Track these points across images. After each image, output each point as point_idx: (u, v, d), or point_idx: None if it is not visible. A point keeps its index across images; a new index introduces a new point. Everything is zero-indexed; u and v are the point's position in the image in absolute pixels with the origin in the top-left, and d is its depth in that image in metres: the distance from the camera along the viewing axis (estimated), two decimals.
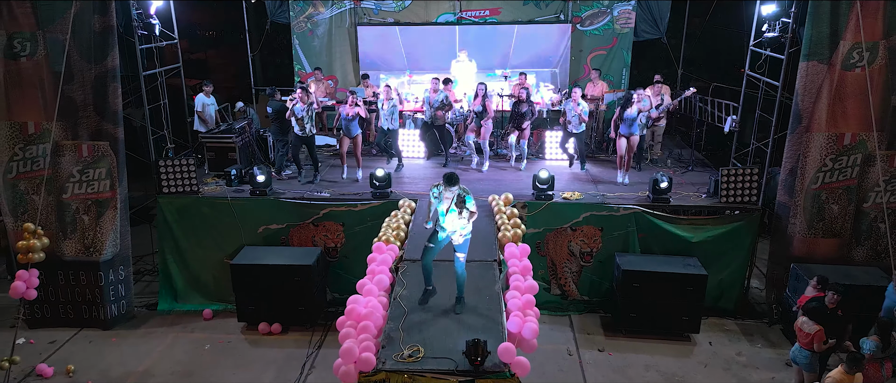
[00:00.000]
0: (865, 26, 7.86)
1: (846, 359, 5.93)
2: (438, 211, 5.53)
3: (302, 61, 12.76)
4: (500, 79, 11.92)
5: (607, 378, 7.76)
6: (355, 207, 8.98)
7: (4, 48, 8.11)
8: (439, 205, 5.50)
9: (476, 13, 12.46)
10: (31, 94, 8.28)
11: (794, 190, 8.62)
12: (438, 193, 5.50)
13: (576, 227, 8.92)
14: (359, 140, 9.95)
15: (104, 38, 8.18)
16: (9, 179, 8.46)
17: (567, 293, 9.26)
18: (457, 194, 5.38)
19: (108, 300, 8.75)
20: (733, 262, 8.90)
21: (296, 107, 9.34)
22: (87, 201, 8.55)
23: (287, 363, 8.00)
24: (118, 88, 8.40)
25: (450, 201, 5.41)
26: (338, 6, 12.42)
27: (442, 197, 5.45)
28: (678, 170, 10.58)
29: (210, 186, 9.48)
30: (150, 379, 7.70)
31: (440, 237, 5.61)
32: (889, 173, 8.36)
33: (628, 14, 12.15)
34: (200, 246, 9.21)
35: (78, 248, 8.59)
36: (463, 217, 5.42)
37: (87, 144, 8.42)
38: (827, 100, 8.18)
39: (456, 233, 5.56)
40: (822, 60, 8.10)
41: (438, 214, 5.54)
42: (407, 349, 5.12)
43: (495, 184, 9.61)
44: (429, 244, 5.68)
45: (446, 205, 5.44)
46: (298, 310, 8.60)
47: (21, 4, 8.00)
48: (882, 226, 8.42)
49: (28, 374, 7.73)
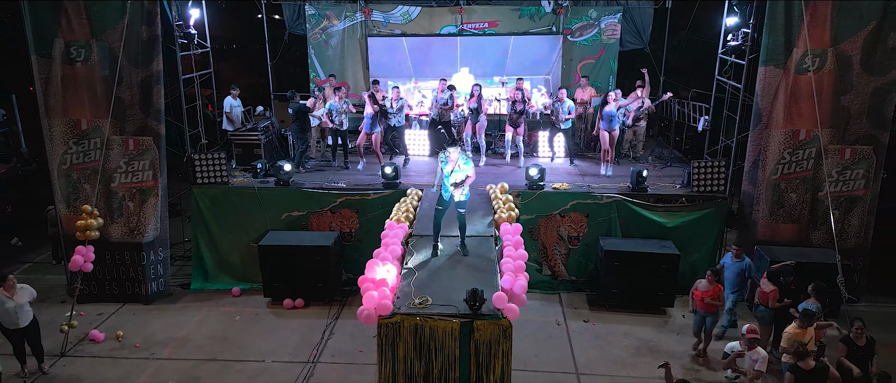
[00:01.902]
0: (815, 35, 8.99)
1: (800, 316, 7.00)
2: (444, 173, 6.74)
3: (317, 69, 13.93)
4: (497, 85, 13.11)
5: (591, 343, 8.83)
6: (368, 196, 10.10)
7: (62, 54, 9.26)
8: (445, 166, 6.73)
9: (476, 25, 13.63)
10: (84, 95, 9.39)
11: (757, 180, 9.73)
12: (444, 157, 6.71)
13: (564, 214, 10.02)
14: (378, 136, 11.07)
15: (150, 45, 9.32)
16: (63, 169, 9.58)
17: (557, 273, 10.34)
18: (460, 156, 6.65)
19: (149, 278, 9.85)
20: (704, 245, 9.98)
21: (332, 104, 10.77)
22: (132, 189, 9.66)
23: (309, 330, 9.08)
24: (161, 90, 9.53)
25: (454, 163, 6.58)
26: (350, 19, 13.60)
27: (447, 159, 6.63)
28: (658, 165, 11.70)
29: (238, 178, 10.61)
30: (189, 343, 8.78)
31: (446, 197, 6.80)
32: (840, 165, 9.47)
33: (614, 26, 13.34)
34: (229, 231, 10.30)
35: (123, 231, 9.70)
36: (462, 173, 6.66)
37: (133, 139, 9.55)
38: (783, 100, 9.30)
39: (458, 191, 6.75)
40: (778, 65, 9.23)
41: (444, 176, 6.72)
42: (418, 299, 6.20)
43: (493, 176, 10.70)
44: (438, 206, 6.92)
45: (451, 166, 6.67)
46: (318, 287, 9.67)
47: (78, 16, 9.14)
48: (836, 212, 9.53)
49: (81, 339, 8.81)
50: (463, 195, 6.83)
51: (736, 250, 8.82)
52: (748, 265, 8.77)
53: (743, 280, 8.78)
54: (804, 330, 6.89)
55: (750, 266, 8.79)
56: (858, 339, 6.84)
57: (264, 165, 10.65)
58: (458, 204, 6.90)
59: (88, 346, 8.69)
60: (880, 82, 9.17)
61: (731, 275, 8.74)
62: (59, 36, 9.21)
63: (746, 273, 8.76)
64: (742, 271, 8.74)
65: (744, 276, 8.76)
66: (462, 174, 6.71)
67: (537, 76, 13.46)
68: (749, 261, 8.84)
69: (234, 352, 8.54)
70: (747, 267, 8.75)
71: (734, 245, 9.03)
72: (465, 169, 6.69)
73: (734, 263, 8.77)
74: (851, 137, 9.39)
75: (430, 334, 5.96)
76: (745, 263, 8.74)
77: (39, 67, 9.31)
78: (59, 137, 9.50)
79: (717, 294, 8.01)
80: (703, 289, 8.09)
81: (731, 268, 8.77)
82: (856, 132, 9.37)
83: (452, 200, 6.87)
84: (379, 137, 11.16)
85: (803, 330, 6.88)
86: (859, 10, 8.92)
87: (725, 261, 8.93)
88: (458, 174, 6.72)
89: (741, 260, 8.75)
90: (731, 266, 8.78)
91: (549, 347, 8.75)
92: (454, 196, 6.82)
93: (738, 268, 8.74)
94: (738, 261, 8.76)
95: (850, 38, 9.02)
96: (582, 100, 12.54)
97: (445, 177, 6.76)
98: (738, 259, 8.76)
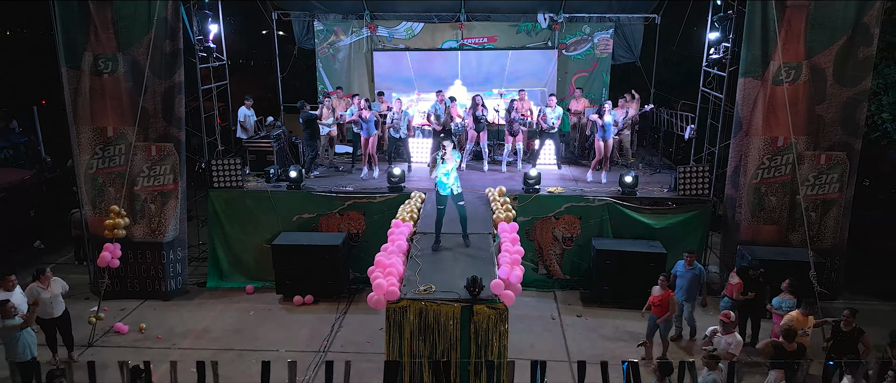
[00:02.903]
0: (790, 49, 9.69)
1: (803, 304, 7.60)
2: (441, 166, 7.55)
3: (324, 81, 14.66)
4: (495, 96, 13.83)
5: (583, 335, 9.44)
6: (374, 199, 10.75)
7: (91, 66, 9.96)
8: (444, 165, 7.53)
9: (476, 40, 14.38)
10: (110, 104, 10.08)
11: (739, 184, 10.38)
12: (441, 155, 7.49)
13: (558, 216, 10.66)
14: (374, 140, 11.73)
15: (173, 58, 10.02)
16: (89, 174, 10.25)
17: (552, 272, 10.96)
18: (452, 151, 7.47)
19: (169, 276, 10.48)
20: (690, 245, 10.51)
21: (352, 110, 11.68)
22: (154, 192, 10.32)
23: (319, 324, 9.69)
24: (182, 100, 10.22)
25: (451, 158, 7.35)
26: (356, 34, 14.36)
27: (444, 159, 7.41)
28: (648, 172, 12.37)
29: (252, 182, 11.27)
30: (208, 335, 9.39)
31: (444, 193, 7.52)
32: (816, 170, 10.12)
33: (607, 41, 14.09)
34: (243, 232, 10.95)
35: (145, 231, 10.34)
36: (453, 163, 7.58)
37: (156, 145, 10.22)
38: (762, 109, 9.98)
39: (455, 183, 7.56)
40: (756, 77, 9.92)
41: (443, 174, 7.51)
42: (422, 286, 6.83)
43: (492, 181, 11.35)
44: (439, 206, 7.58)
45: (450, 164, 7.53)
46: (327, 284, 10.29)
47: (106, 31, 9.86)
48: (813, 214, 10.18)
49: (107, 331, 9.42)
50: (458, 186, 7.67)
51: (688, 257, 8.90)
52: (701, 272, 8.95)
53: (697, 287, 8.91)
54: (806, 317, 7.51)
55: (703, 272, 9.00)
56: (846, 326, 7.43)
57: (276, 171, 11.32)
58: (456, 197, 7.59)
59: (114, 337, 9.30)
60: (852, 92, 9.84)
61: (684, 282, 8.84)
62: (88, 49, 9.91)
63: (700, 279, 8.92)
64: (695, 277, 8.87)
65: (697, 283, 8.89)
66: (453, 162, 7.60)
67: (534, 88, 14.16)
68: (701, 268, 9.02)
69: (249, 343, 9.15)
70: (700, 273, 8.93)
71: (687, 251, 9.01)
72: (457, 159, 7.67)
73: (687, 271, 8.88)
74: (826, 144, 10.05)
75: (434, 317, 6.57)
76: (697, 270, 8.88)
77: (69, 78, 10.01)
78: (86, 144, 10.17)
79: (667, 299, 8.26)
80: (656, 294, 8.38)
81: (683, 276, 8.88)
82: (830, 139, 10.03)
83: (450, 195, 7.54)
84: (375, 140, 11.82)
85: (805, 318, 7.51)
86: (831, 26, 9.61)
87: (677, 268, 9.03)
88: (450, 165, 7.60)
89: (693, 267, 8.88)
90: (684, 274, 8.89)
91: (545, 338, 9.36)
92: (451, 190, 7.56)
93: (690, 275, 8.85)
94: (690, 268, 8.88)
95: (822, 51, 9.71)
96: (576, 111, 13.24)
97: (445, 174, 7.44)
98: (690, 267, 8.87)
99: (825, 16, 9.55)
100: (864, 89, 9.86)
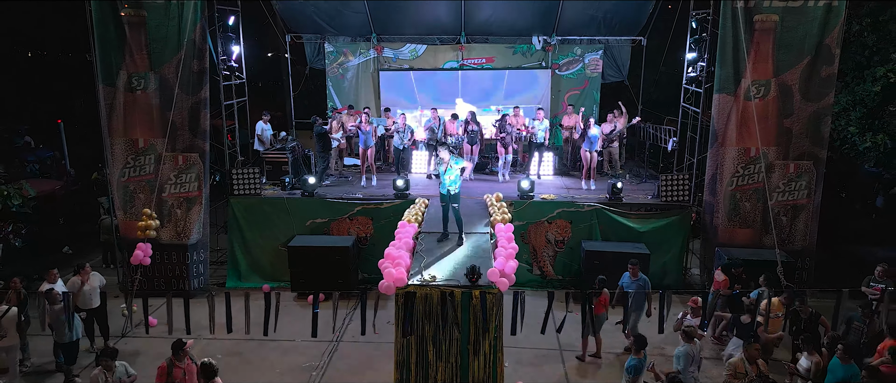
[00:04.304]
0: (759, 68, 10.69)
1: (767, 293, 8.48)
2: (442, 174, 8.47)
3: (334, 99, 15.71)
4: (493, 113, 14.85)
5: (572, 327, 10.22)
6: (382, 205, 11.69)
7: (125, 84, 10.97)
8: (445, 172, 8.44)
9: (475, 60, 15.45)
10: (141, 118, 11.08)
11: (716, 191, 11.32)
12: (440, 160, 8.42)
13: (551, 221, 11.59)
14: (372, 151, 12.70)
15: (200, 76, 11.02)
16: (121, 181, 11.20)
17: (545, 273, 11.85)
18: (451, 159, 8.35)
19: (192, 275, 11.38)
20: (673, 248, 11.51)
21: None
22: (180, 198, 11.26)
23: (331, 318, 10.45)
24: (207, 114, 11.20)
25: (447, 163, 8.34)
26: (364, 55, 15.43)
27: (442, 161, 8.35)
28: (634, 181, 13.32)
29: (269, 190, 12.21)
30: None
31: (443, 192, 8.51)
32: (786, 177, 11.06)
33: (596, 61, 15.16)
34: (261, 236, 11.86)
35: (171, 234, 11.26)
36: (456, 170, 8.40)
37: (182, 155, 11.18)
38: (735, 123, 10.94)
39: (455, 186, 8.42)
40: (729, 93, 10.90)
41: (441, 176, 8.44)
42: (427, 275, 7.73)
43: (490, 189, 12.30)
44: (442, 203, 8.52)
45: (444, 166, 8.43)
46: (338, 283, 11.13)
47: (139, 52, 10.89)
48: (784, 218, 11.10)
49: (137, 324, 10.30)
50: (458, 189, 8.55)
51: (632, 269, 9.13)
52: (646, 283, 9.18)
53: (642, 298, 9.08)
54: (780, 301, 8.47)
55: (647, 283, 9.21)
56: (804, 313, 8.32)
57: (291, 180, 12.28)
58: (452, 198, 8.50)
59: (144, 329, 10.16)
60: (817, 107, 10.81)
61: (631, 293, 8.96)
62: (123, 68, 10.93)
63: (646, 290, 9.11)
64: (641, 288, 9.08)
65: (643, 294, 9.06)
66: (458, 169, 8.41)
67: (529, 105, 15.19)
68: (647, 280, 9.24)
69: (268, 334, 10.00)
70: (645, 284, 9.16)
71: (630, 263, 9.21)
72: (458, 166, 8.43)
73: (632, 282, 9.13)
74: (794, 154, 10.99)
75: (438, 301, 7.46)
76: (641, 281, 9.13)
77: (105, 94, 11.01)
78: (119, 154, 11.14)
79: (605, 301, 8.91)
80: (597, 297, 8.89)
81: (629, 287, 9.09)
82: (798, 149, 10.98)
83: (449, 195, 8.49)
84: (373, 152, 12.78)
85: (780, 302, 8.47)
86: (796, 47, 10.60)
87: (623, 280, 9.27)
88: (452, 172, 8.40)
89: (637, 278, 9.14)
90: (630, 285, 9.10)
91: (537, 331, 10.05)
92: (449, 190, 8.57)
93: (636, 286, 9.09)
94: (635, 279, 9.13)
95: (789, 70, 10.70)
96: (568, 126, 14.24)
97: (442, 176, 8.41)
98: (635, 278, 9.13)
99: (790, 38, 10.56)
100: (827, 104, 10.83)
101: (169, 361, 6.96)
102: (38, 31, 20.91)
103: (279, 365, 9.13)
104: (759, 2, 10.43)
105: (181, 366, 6.95)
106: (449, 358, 7.53)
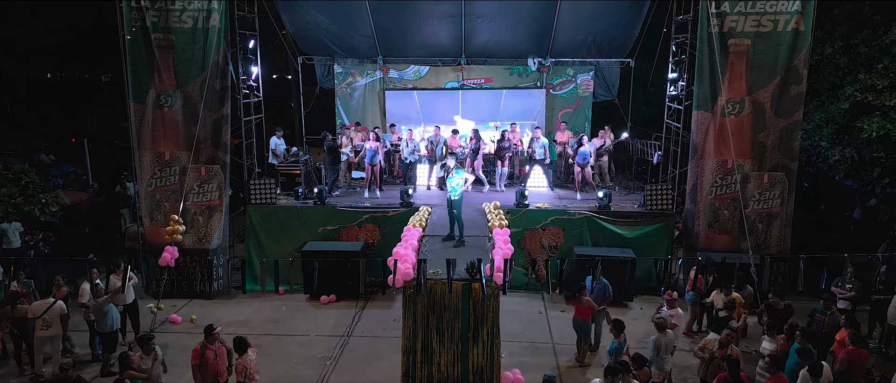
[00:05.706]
0: (734, 87, 11.67)
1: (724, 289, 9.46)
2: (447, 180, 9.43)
3: (342, 116, 16.72)
4: (491, 129, 15.86)
5: (565, 324, 11.13)
6: (388, 213, 12.62)
7: (154, 101, 11.97)
8: (451, 179, 9.31)
9: (474, 81, 16.50)
10: (168, 133, 12.06)
11: (696, 200, 12.24)
12: (445, 167, 9.38)
13: (545, 228, 12.51)
14: (377, 167, 13.67)
15: (222, 94, 12.02)
16: (149, 191, 12.15)
17: (539, 276, 12.74)
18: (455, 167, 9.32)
19: (213, 278, 12.26)
20: (658, 252, 12.36)
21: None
22: (202, 206, 12.20)
23: (342, 316, 11.45)
24: (228, 129, 12.18)
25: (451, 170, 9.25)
26: (370, 76, 16.49)
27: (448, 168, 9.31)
28: (623, 192, 14.28)
29: (283, 200, 13.15)
30: (249, 324, 11.16)
31: (449, 197, 9.38)
32: (761, 188, 11.99)
33: (588, 82, 16.22)
34: (276, 242, 12.76)
35: (194, 239, 12.17)
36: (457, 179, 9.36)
37: (205, 167, 12.14)
38: (713, 137, 11.90)
39: (456, 193, 9.33)
40: (707, 110, 11.89)
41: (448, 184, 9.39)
42: (430, 271, 8.63)
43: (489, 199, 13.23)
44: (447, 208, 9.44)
45: (456, 180, 9.36)
46: (348, 285, 12.06)
47: (167, 71, 11.89)
48: (759, 225, 12.01)
49: (163, 321, 11.17)
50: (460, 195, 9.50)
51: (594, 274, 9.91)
52: (606, 286, 9.89)
53: (602, 300, 9.72)
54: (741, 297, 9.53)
55: (607, 287, 9.91)
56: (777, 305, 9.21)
57: (303, 190, 13.22)
58: (454, 204, 9.44)
59: (169, 326, 11.07)
60: (788, 122, 11.76)
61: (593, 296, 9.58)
62: (151, 87, 11.94)
63: (606, 293, 9.82)
64: (601, 291, 9.80)
65: (603, 296, 9.77)
66: (461, 178, 9.34)
67: (525, 122, 16.20)
68: (606, 283, 9.92)
69: (284, 330, 10.91)
70: (605, 287, 9.87)
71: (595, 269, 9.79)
72: (460, 176, 9.43)
73: (595, 286, 9.84)
74: (768, 165, 11.92)
75: (441, 294, 8.35)
76: (602, 284, 9.85)
77: (135, 111, 12.00)
78: (147, 166, 12.10)
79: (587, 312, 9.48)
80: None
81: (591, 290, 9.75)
82: (771, 161, 11.91)
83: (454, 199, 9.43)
84: (378, 168, 13.74)
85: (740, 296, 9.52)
86: (767, 68, 11.59)
87: (587, 282, 10.03)
88: (454, 180, 9.40)
89: (599, 282, 9.87)
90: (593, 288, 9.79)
91: (532, 328, 11.10)
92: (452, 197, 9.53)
93: (598, 289, 9.79)
94: (596, 283, 9.86)
95: (761, 88, 11.68)
96: (561, 142, 15.23)
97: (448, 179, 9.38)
98: (596, 281, 9.87)
99: (762, 60, 11.56)
100: (797, 120, 11.80)
101: (202, 344, 7.81)
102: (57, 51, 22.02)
103: (296, 356, 9.98)
104: (732, 27, 11.46)
105: (212, 348, 7.80)
106: (451, 345, 8.39)
